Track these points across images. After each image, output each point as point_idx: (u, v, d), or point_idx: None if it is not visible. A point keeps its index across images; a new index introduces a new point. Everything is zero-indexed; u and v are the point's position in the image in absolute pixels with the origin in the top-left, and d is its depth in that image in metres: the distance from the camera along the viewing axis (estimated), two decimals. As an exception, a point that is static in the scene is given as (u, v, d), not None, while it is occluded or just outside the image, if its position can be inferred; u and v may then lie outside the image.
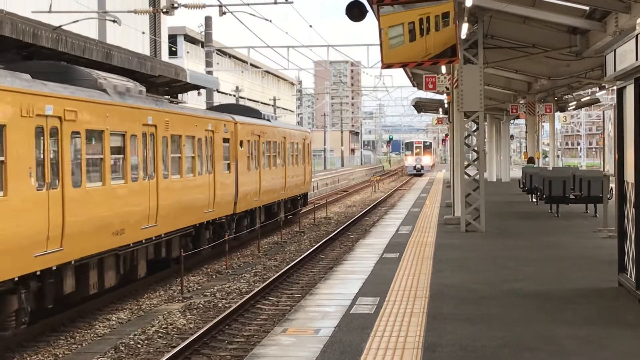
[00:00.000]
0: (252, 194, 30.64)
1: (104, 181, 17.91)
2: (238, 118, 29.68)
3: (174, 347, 14.78)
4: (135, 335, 15.95)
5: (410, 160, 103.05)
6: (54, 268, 15.55)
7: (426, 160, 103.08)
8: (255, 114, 34.67)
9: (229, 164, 27.91)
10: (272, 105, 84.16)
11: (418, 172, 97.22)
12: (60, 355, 14.82)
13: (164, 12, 32.89)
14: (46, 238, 15.13)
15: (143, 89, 22.71)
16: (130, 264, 19.59)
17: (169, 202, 21.56)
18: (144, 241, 19.95)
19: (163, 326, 16.71)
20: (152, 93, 37.02)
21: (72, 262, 16.24)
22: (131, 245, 19.24)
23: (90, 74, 19.69)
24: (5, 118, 13.96)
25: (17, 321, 14.67)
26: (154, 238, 20.65)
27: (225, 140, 27.53)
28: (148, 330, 16.38)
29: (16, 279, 14.31)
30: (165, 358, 13.62)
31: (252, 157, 30.92)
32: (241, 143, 29.25)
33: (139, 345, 15.22)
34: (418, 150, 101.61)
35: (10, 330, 14.49)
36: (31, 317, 15.24)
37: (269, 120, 35.55)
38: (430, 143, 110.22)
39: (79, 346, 15.48)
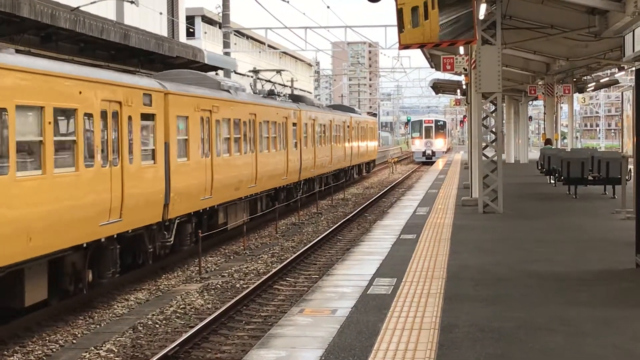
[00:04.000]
0: (355, 156, 52.83)
1: (327, 145, 42.53)
2: (351, 114, 52.62)
3: (192, 327, 14.87)
4: (153, 315, 16.05)
5: (418, 145, 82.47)
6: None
7: (438, 144, 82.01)
8: (350, 109, 57.73)
9: (348, 139, 49.71)
10: (290, 87, 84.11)
11: (428, 159, 78.16)
12: (79, 335, 14.93)
13: (181, -7, 32.85)
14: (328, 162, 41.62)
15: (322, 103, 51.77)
16: (324, 183, 42.77)
17: (336, 157, 45.07)
18: (330, 173, 44.31)
19: (181, 306, 16.80)
20: (170, 74, 37.11)
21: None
22: (325, 173, 42.55)
23: (312, 100, 43.77)
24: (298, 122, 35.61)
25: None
26: (331, 172, 44.23)
27: (347, 127, 49.86)
28: (166, 310, 16.48)
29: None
30: (184, 338, 13.70)
31: (355, 136, 53.07)
32: (353, 128, 51.68)
33: (157, 325, 15.32)
34: (428, 131, 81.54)
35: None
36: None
37: (359, 114, 60.85)
38: (444, 122, 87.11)
39: (98, 326, 15.59)
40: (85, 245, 16.11)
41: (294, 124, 34.72)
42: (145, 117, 19.19)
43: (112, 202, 17.00)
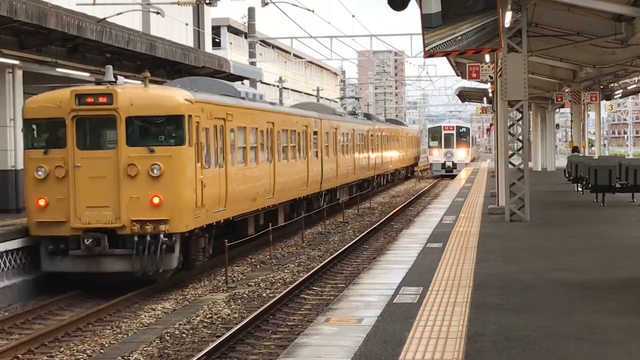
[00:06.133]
0: (405, 159, 66.46)
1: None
2: (402, 127, 69.77)
3: (219, 336, 14.89)
4: (180, 325, 16.09)
5: (436, 155, 71.38)
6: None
7: (460, 154, 71.11)
8: (400, 123, 77.02)
9: (401, 146, 63.62)
10: (316, 96, 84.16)
11: (449, 172, 68.72)
12: (107, 345, 14.99)
13: (207, 4, 33.00)
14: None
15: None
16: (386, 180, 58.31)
17: (394, 159, 59.17)
18: (390, 171, 59.02)
19: (208, 316, 16.83)
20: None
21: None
22: (387, 171, 57.19)
23: (377, 117, 65.78)
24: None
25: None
26: (390, 171, 58.68)
27: (401, 136, 63.89)
28: (193, 320, 16.52)
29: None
30: (210, 347, 13.72)
31: (406, 144, 66.38)
32: (404, 137, 64.97)
33: (184, 335, 15.35)
34: (448, 139, 70.96)
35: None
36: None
37: (406, 125, 79.21)
38: (467, 129, 74.74)
39: (125, 336, 15.65)
40: (296, 199, 30.68)
41: (371, 135, 48.98)
42: (314, 133, 33.94)
43: (304, 178, 31.80)
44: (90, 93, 19.69)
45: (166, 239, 18.99)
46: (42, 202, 19.40)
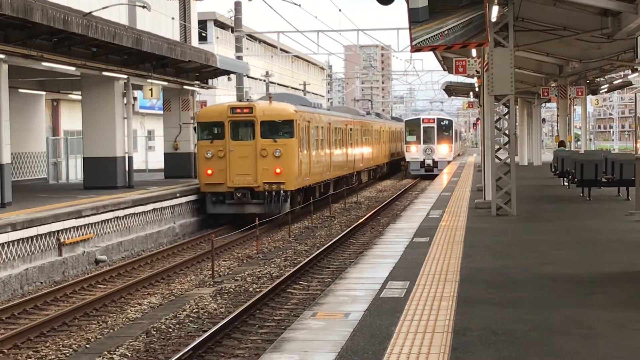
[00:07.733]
0: (392, 154, 67.69)
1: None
2: (402, 123, 69.81)
3: (205, 331, 14.87)
4: (166, 319, 16.07)
5: (414, 152, 62.95)
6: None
7: (442, 151, 63.06)
8: (400, 120, 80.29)
9: (401, 139, 67.92)
10: (302, 90, 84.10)
11: (428, 172, 60.93)
12: (93, 340, 14.95)
13: (193, -2, 32.99)
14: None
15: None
16: (391, 167, 68.72)
17: (396, 150, 69.79)
18: (393, 160, 68.13)
19: (194, 310, 16.81)
20: (183, 78, 37.16)
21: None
22: (391, 160, 67.65)
23: (386, 115, 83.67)
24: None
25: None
26: (394, 160, 68.53)
27: (400, 132, 69.02)
28: (179, 314, 16.49)
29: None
30: (197, 342, 13.69)
31: (392, 139, 67.75)
32: (402, 132, 67.11)
33: (171, 330, 15.33)
34: (428, 134, 62.74)
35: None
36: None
37: (402, 121, 75.44)
38: (450, 122, 65.37)
39: (111, 330, 15.62)
40: (340, 177, 42.64)
41: (383, 131, 61.16)
42: (350, 129, 45.53)
43: (345, 162, 43.28)
44: (240, 106, 31.86)
45: (284, 193, 31.04)
46: (209, 172, 31.38)
